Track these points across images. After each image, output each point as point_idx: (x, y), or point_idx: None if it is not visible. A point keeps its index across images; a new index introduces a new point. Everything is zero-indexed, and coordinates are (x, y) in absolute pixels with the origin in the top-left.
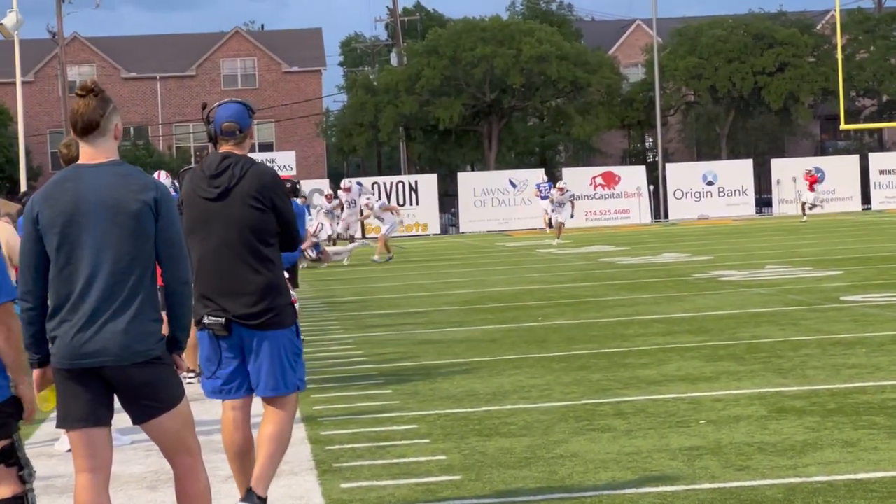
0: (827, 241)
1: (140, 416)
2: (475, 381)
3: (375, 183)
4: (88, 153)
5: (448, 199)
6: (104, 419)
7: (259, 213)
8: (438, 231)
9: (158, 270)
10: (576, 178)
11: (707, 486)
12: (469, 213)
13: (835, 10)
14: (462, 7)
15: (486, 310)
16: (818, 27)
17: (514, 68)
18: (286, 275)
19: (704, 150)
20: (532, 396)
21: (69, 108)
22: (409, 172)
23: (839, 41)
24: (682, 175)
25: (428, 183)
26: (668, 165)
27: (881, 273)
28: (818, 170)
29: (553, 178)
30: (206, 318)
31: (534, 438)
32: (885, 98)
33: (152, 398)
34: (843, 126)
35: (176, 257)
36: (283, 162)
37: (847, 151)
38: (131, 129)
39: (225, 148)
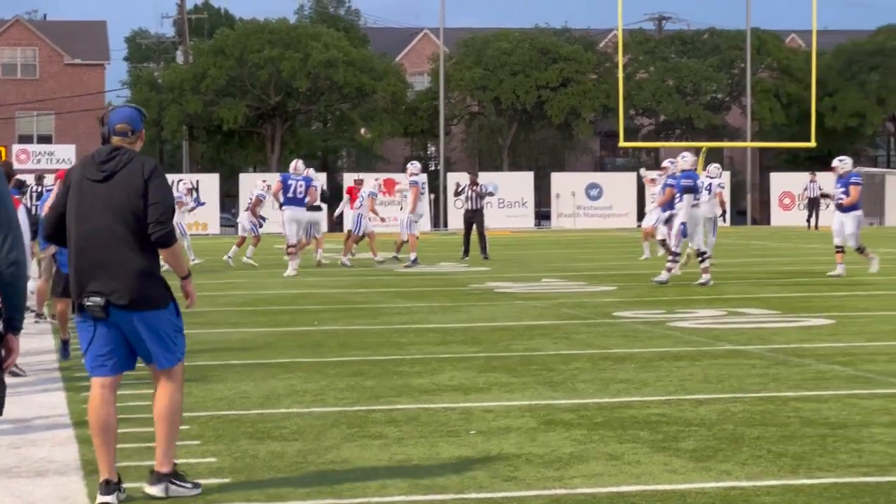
0: (603, 257)
1: None
2: (248, 383)
3: None
4: None
5: (229, 200)
6: None
7: (140, 199)
8: (218, 231)
9: None
10: None
11: (474, 495)
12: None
13: (617, 30)
14: (250, 8)
15: (262, 312)
16: (601, 45)
17: (300, 72)
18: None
19: (486, 161)
20: (305, 401)
21: None
22: (192, 172)
23: (620, 60)
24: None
25: (210, 183)
26: (449, 175)
27: (652, 290)
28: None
29: (335, 183)
30: (86, 300)
31: (305, 443)
32: (662, 118)
33: None
34: (621, 143)
35: (4, 239)
36: (63, 155)
37: (625, 168)
38: None
39: (118, 143)
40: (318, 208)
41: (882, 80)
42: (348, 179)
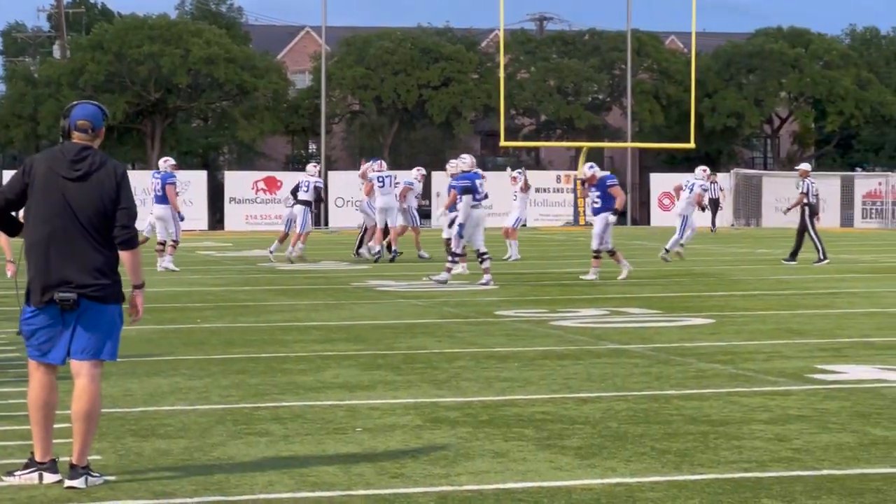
0: None
1: None
2: (132, 381)
3: None
4: None
5: None
6: None
7: (110, 202)
8: None
9: None
10: (238, 182)
11: (362, 492)
12: None
13: (499, 30)
14: (129, 3)
15: (145, 309)
16: (483, 45)
17: (181, 68)
18: None
19: (367, 159)
20: (190, 398)
21: None
22: None
23: (502, 60)
24: (344, 183)
25: None
26: (330, 173)
27: (534, 289)
28: None
29: (216, 180)
30: (56, 294)
31: (191, 440)
32: (542, 118)
33: None
34: (502, 143)
35: None
36: None
37: (505, 168)
38: None
39: (79, 140)
40: (308, 203)
41: (760, 83)
42: (229, 177)
